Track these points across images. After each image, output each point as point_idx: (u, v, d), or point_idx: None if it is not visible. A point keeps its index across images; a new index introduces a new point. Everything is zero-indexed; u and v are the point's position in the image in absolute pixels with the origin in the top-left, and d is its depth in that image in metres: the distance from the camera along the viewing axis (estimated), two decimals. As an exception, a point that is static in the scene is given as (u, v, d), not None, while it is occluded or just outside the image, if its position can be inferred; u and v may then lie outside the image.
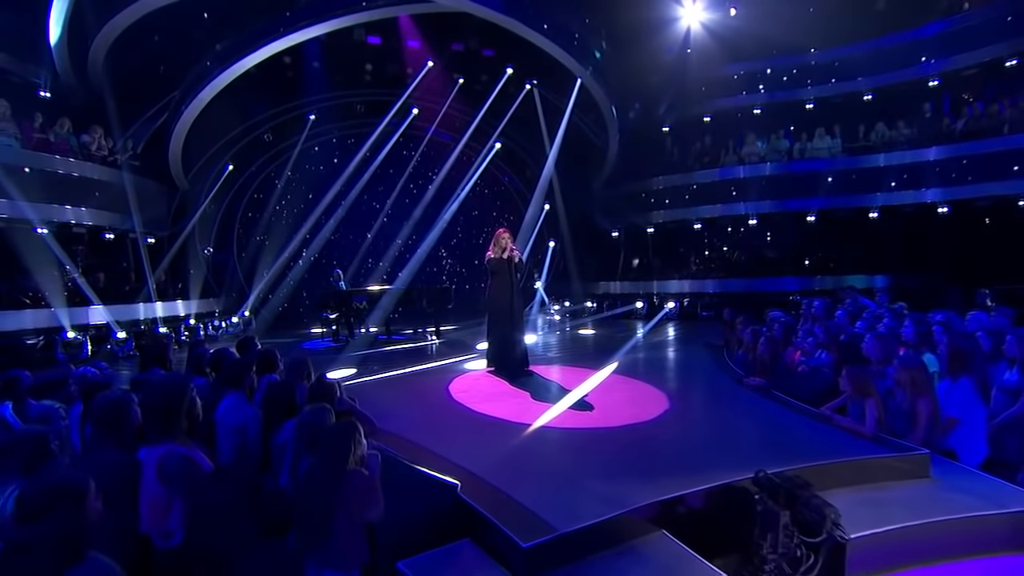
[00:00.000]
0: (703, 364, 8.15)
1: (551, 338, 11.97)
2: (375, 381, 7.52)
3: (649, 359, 8.81)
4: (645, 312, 14.87)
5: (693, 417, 5.44)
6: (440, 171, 17.55)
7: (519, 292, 7.71)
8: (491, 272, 7.64)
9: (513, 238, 7.79)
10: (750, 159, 14.75)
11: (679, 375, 7.54)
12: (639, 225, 16.66)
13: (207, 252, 15.62)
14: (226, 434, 4.34)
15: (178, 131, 12.25)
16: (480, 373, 7.79)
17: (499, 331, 7.67)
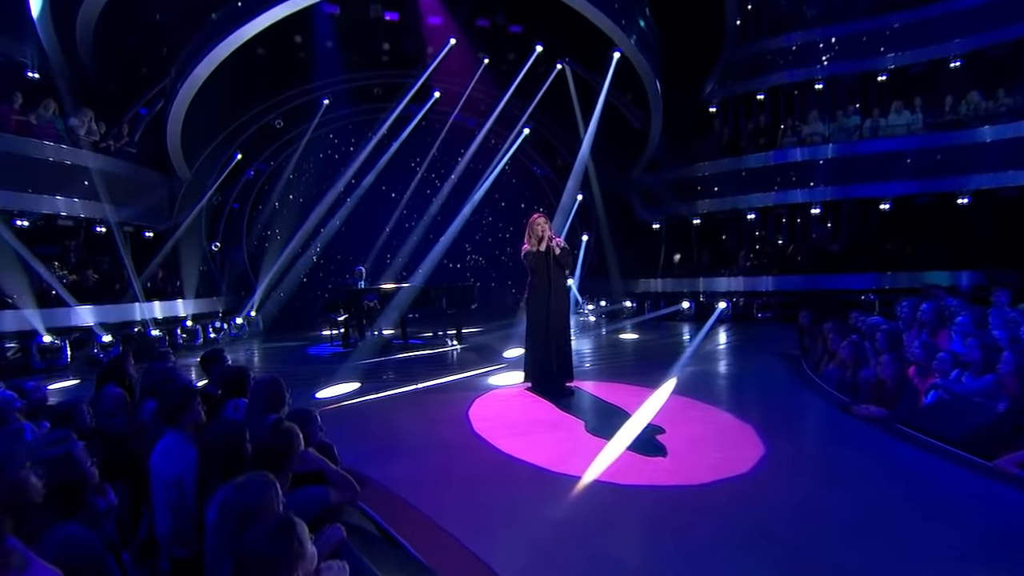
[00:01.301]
0: (783, 381, 6.61)
1: (587, 343, 10.54)
2: (377, 401, 6.22)
3: (714, 374, 7.31)
4: (693, 313, 13.32)
5: (808, 469, 3.95)
6: (464, 159, 16.26)
7: (559, 291, 6.29)
8: (530, 269, 6.26)
9: (551, 224, 6.38)
10: (812, 140, 13.02)
11: (758, 397, 6.02)
12: (683, 216, 15.15)
13: (214, 247, 14.63)
14: (161, 491, 3.13)
15: (175, 113, 11.17)
16: (507, 391, 6.42)
17: (535, 340, 6.29)
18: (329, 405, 6.06)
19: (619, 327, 12.62)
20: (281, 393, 3.92)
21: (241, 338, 12.46)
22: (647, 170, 15.84)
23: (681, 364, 7.74)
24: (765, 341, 10.08)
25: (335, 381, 7.24)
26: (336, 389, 6.84)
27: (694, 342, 9.55)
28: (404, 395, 6.49)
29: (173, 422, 3.40)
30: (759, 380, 6.73)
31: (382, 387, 6.83)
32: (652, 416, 5.18)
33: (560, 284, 6.34)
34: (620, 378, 7.00)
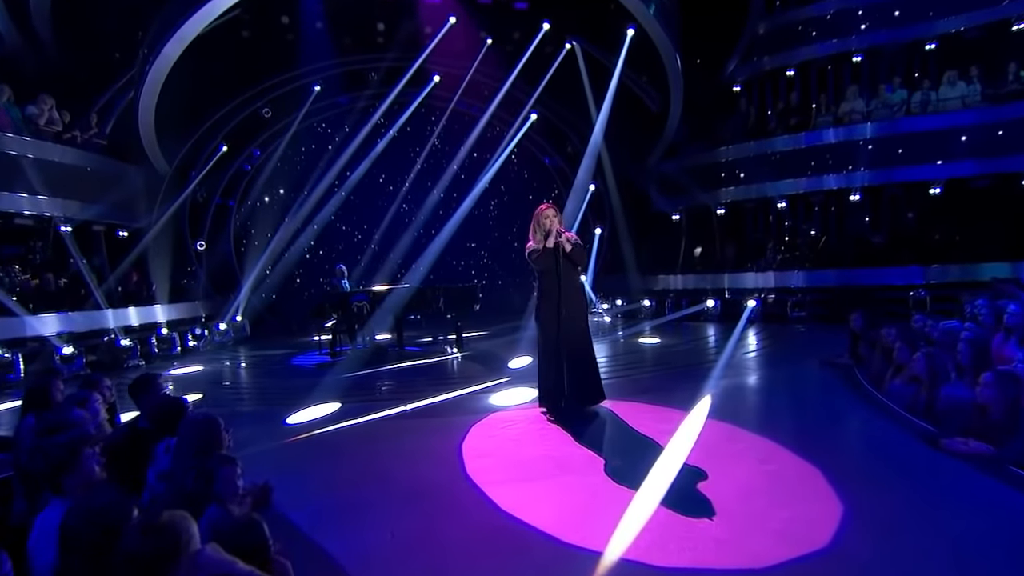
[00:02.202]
0: (841, 401, 5.61)
1: (603, 349, 9.57)
2: (355, 429, 5.32)
3: (755, 389, 6.33)
4: (719, 312, 12.31)
5: (909, 539, 2.96)
6: (466, 148, 15.42)
7: (572, 294, 5.36)
8: (538, 272, 5.33)
9: (561, 215, 5.44)
10: (850, 119, 11.92)
11: (816, 423, 5.02)
12: (705, 206, 14.22)
13: (199, 246, 13.84)
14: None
15: (146, 99, 10.34)
16: (510, 415, 5.50)
17: (544, 354, 5.37)
18: (298, 434, 5.19)
19: (638, 329, 11.66)
20: (215, 437, 3.10)
21: (225, 345, 11.65)
22: (665, 157, 14.97)
23: (715, 377, 6.76)
24: (805, 346, 9.10)
25: (313, 400, 6.37)
26: (311, 412, 5.97)
27: (726, 349, 8.56)
28: (388, 421, 5.59)
29: (56, 489, 2.59)
30: (812, 399, 5.73)
31: (364, 409, 5.94)
32: (688, 451, 4.23)
33: (573, 286, 5.40)
34: (644, 395, 6.05)
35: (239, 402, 6.73)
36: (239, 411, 6.21)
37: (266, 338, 12.72)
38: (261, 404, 6.52)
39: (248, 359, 10.24)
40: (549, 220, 5.31)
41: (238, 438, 5.23)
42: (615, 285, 14.98)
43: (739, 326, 10.65)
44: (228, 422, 5.52)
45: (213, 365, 9.46)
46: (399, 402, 6.17)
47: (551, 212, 5.33)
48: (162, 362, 9.70)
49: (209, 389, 7.43)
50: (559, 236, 5.22)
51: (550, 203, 5.50)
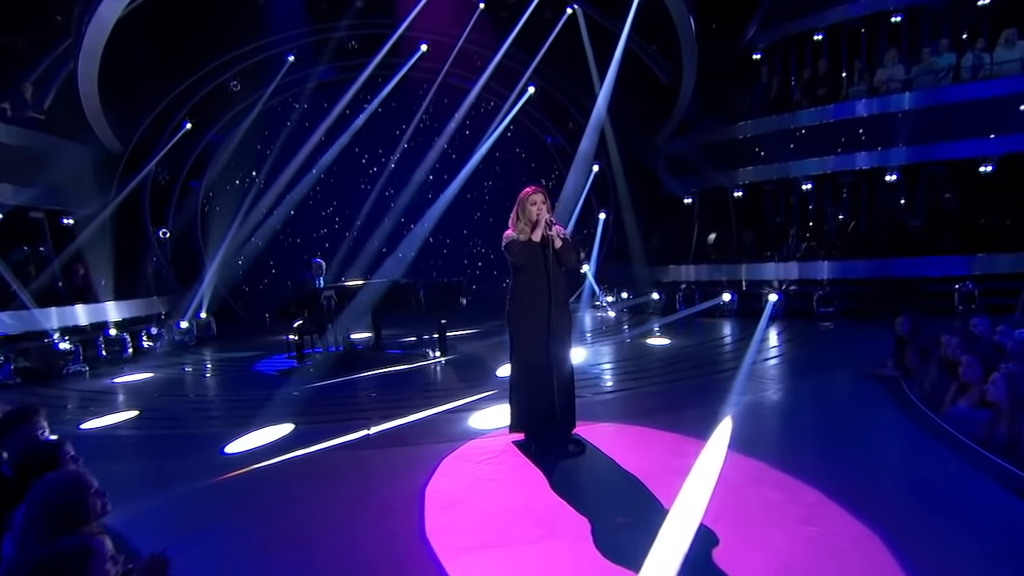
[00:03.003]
0: (893, 428, 4.82)
1: (605, 352, 8.85)
2: (303, 462, 4.59)
3: (784, 409, 5.55)
4: (736, 307, 11.59)
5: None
6: (456, 123, 14.76)
7: (561, 300, 4.60)
8: (514, 266, 4.55)
9: (550, 202, 4.65)
10: (887, 88, 11.01)
11: (864, 459, 4.23)
12: (721, 187, 13.44)
13: (162, 235, 13.10)
14: None
15: (86, 67, 9.54)
16: (487, 446, 4.75)
17: (528, 371, 4.59)
18: (232, 469, 4.45)
19: (645, 328, 10.89)
20: (78, 507, 2.38)
21: (186, 346, 10.94)
22: (677, 133, 14.18)
23: (735, 391, 5.99)
24: (836, 349, 8.33)
25: (263, 420, 5.64)
26: (258, 436, 5.24)
27: (746, 354, 7.77)
28: (345, 450, 4.85)
29: None
30: (855, 424, 4.94)
31: (320, 433, 5.21)
32: (707, 502, 3.47)
33: (562, 289, 4.62)
34: (651, 417, 5.29)
35: (178, 422, 6.01)
36: (173, 435, 5.50)
37: (234, 337, 12.01)
38: (202, 425, 5.81)
39: (206, 364, 9.53)
40: (537, 208, 4.51)
41: (163, 472, 4.59)
42: (620, 276, 14.28)
43: (760, 324, 9.86)
44: (158, 449, 4.73)
45: (165, 371, 8.76)
46: (363, 423, 5.45)
47: (539, 198, 4.53)
48: (108, 367, 9.01)
49: (149, 403, 6.73)
50: (548, 228, 4.43)
51: (538, 186, 4.68)
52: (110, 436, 5.44)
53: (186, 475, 4.33)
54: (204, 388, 7.61)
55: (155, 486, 4.10)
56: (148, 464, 4.63)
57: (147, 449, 5.03)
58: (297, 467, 4.48)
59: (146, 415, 6.13)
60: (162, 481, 4.20)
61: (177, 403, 6.75)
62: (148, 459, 4.78)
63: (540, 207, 4.51)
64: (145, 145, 12.44)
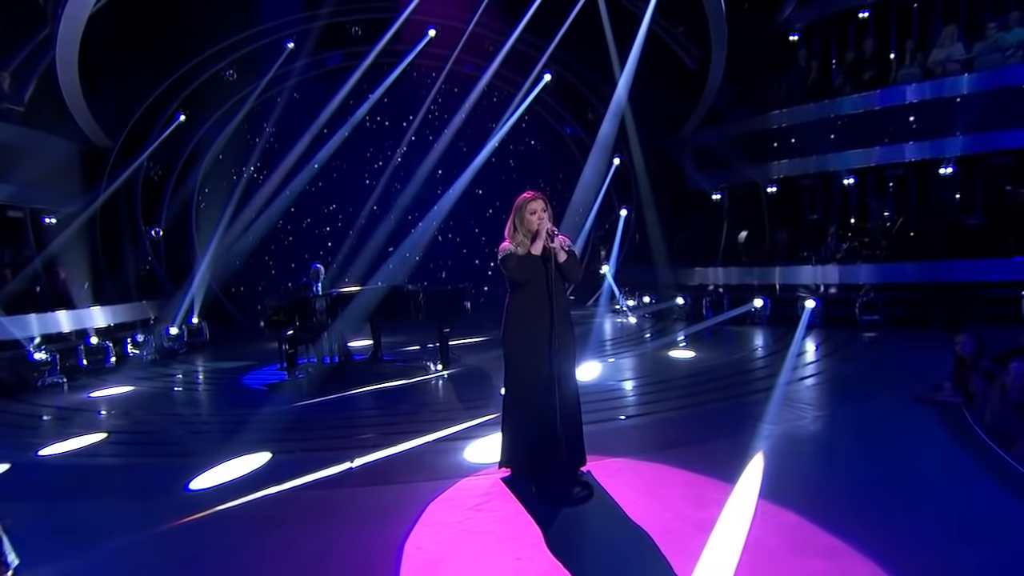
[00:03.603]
0: (957, 469, 4.29)
1: (623, 367, 8.39)
2: (270, 502, 4.22)
3: (826, 444, 5.02)
4: (768, 315, 11.08)
5: None
6: (466, 113, 14.47)
7: (565, 318, 4.18)
8: (511, 282, 4.17)
9: (551, 209, 4.23)
10: (944, 69, 10.33)
11: (930, 516, 3.70)
12: (753, 182, 13.06)
13: (155, 234, 12.92)
14: None
15: (65, 55, 9.34)
16: (479, 487, 4.35)
17: (527, 402, 4.17)
18: (193, 512, 4.09)
19: (668, 338, 10.40)
20: None
21: (176, 354, 10.72)
22: (705, 123, 13.79)
23: (768, 419, 5.49)
24: (885, 366, 7.74)
25: (239, 448, 5.30)
26: (230, 468, 4.89)
27: (781, 371, 7.24)
28: (321, 488, 4.48)
29: None
30: (913, 465, 4.39)
31: (298, 465, 4.86)
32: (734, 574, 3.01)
33: (565, 308, 4.20)
34: (670, 451, 4.82)
35: (145, 448, 5.70)
36: (137, 465, 5.18)
37: (228, 343, 11.79)
38: (172, 452, 5.49)
39: (192, 375, 9.29)
40: (537, 216, 4.09)
41: (111, 515, 4.27)
42: (642, 277, 13.89)
43: (796, 335, 9.31)
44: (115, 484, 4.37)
45: (147, 384, 8.51)
46: (347, 453, 5.08)
47: (538, 205, 4.11)
48: (89, 378, 8.79)
49: (119, 424, 6.47)
50: (551, 239, 4.00)
51: (538, 192, 4.25)
52: (67, 466, 5.14)
53: (137, 519, 3.98)
54: (183, 405, 7.32)
55: (95, 535, 3.76)
56: (97, 505, 4.31)
57: (103, 484, 4.72)
58: (264, 511, 4.11)
59: (113, 439, 5.84)
60: (106, 528, 3.86)
61: (149, 425, 6.46)
62: (100, 498, 4.46)
63: (540, 215, 4.10)
64: (135, 139, 12.26)
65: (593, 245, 16.21)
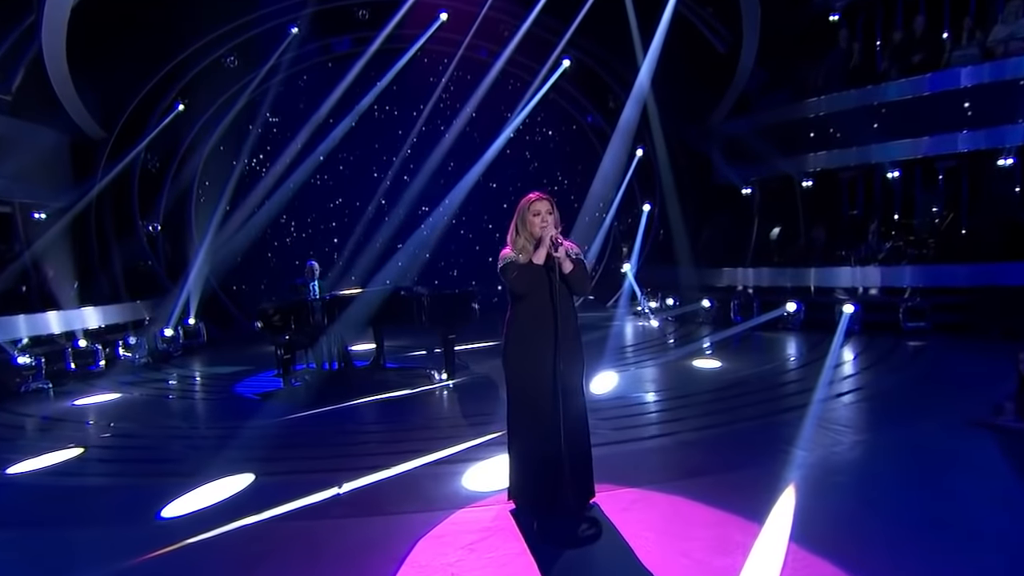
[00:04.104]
0: (1022, 514, 3.91)
1: (642, 377, 8.09)
2: (245, 535, 4.00)
3: (869, 479, 4.64)
4: (801, 320, 10.73)
5: None
6: (481, 103, 14.27)
7: (571, 334, 3.91)
8: (512, 294, 3.93)
9: (557, 213, 3.95)
10: (1008, 48, 9.79)
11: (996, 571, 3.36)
12: (786, 176, 12.75)
13: (152, 229, 12.87)
14: None
15: (52, 42, 9.25)
16: (479, 517, 4.10)
17: (528, 427, 3.91)
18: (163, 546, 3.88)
19: (693, 345, 10.09)
20: None
21: (170, 357, 10.64)
22: (735, 112, 13.51)
23: (802, 443, 5.13)
24: (935, 381, 7.32)
25: (220, 468, 5.11)
26: (208, 492, 4.69)
27: (817, 385, 6.87)
28: (306, 516, 4.26)
29: None
30: (972, 509, 4.02)
31: (282, 489, 4.64)
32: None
33: (571, 322, 3.93)
34: (690, 480, 4.51)
35: (121, 467, 5.54)
36: (110, 487, 5.01)
37: (226, 345, 11.70)
38: (149, 472, 5.33)
39: (185, 381, 9.19)
40: (541, 219, 3.81)
41: (70, 548, 4.07)
42: (664, 278, 13.64)
43: (833, 343, 8.92)
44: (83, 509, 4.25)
45: (135, 390, 8.40)
46: (335, 476, 4.85)
47: (543, 207, 3.84)
48: (76, 383, 8.71)
49: (98, 437, 6.33)
50: (555, 247, 3.71)
51: (543, 193, 3.98)
52: (35, 486, 4.99)
53: (99, 554, 3.79)
54: (168, 417, 7.17)
55: (51, 573, 3.58)
56: (58, 535, 4.12)
57: (70, 508, 4.55)
58: (240, 545, 3.89)
59: (90, 455, 5.69)
60: (65, 563, 3.68)
61: (129, 440, 6.32)
62: (63, 525, 4.28)
63: (545, 219, 3.82)
64: (131, 129, 12.19)
65: (614, 242, 15.98)
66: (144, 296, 11.68)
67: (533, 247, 3.84)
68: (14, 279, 9.50)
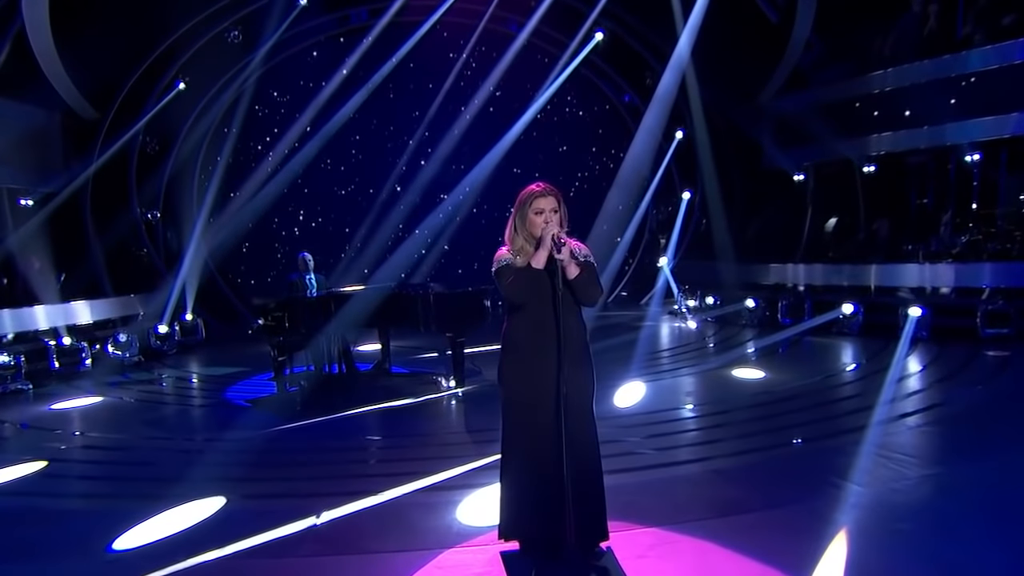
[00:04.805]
0: None
1: (673, 388, 7.72)
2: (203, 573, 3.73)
3: (941, 526, 4.12)
4: (860, 324, 10.35)
5: None
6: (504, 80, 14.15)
7: (576, 348, 3.51)
8: (508, 303, 3.60)
9: (562, 209, 3.53)
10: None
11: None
12: (845, 160, 12.49)
13: (151, 217, 12.88)
14: None
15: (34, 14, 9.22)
16: (470, 560, 3.77)
17: (528, 457, 3.55)
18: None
19: (734, 351, 9.71)
20: None
21: (164, 355, 10.59)
22: (787, 89, 13.27)
23: (857, 476, 4.65)
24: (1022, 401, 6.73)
25: (190, 488, 4.86)
26: (170, 519, 4.44)
27: (877, 403, 6.35)
28: (275, 552, 3.97)
29: None
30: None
31: (255, 515, 4.38)
32: None
33: (576, 335, 3.55)
34: (721, 519, 4.08)
35: (81, 485, 5.37)
36: (63, 511, 4.81)
37: (226, 343, 11.67)
38: (109, 492, 5.13)
39: (173, 383, 9.14)
40: (544, 218, 3.43)
41: None
42: (705, 274, 13.44)
43: (897, 352, 8.43)
44: (27, 538, 4.10)
45: (117, 394, 8.34)
46: (315, 502, 4.56)
47: (547, 203, 3.47)
48: (59, 384, 8.68)
49: (65, 448, 6.21)
50: (557, 247, 3.30)
51: (547, 184, 3.59)
52: (-13, 504, 4.84)
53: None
54: (145, 425, 6.99)
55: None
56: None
57: (16, 536, 4.34)
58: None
59: (51, 469, 5.52)
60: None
61: (97, 452, 6.19)
62: (3, 559, 4.08)
63: (549, 217, 3.43)
64: (127, 109, 12.17)
65: (651, 233, 15.66)
66: (139, 290, 11.68)
67: (533, 247, 3.47)
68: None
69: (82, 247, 11.19)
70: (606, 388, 7.30)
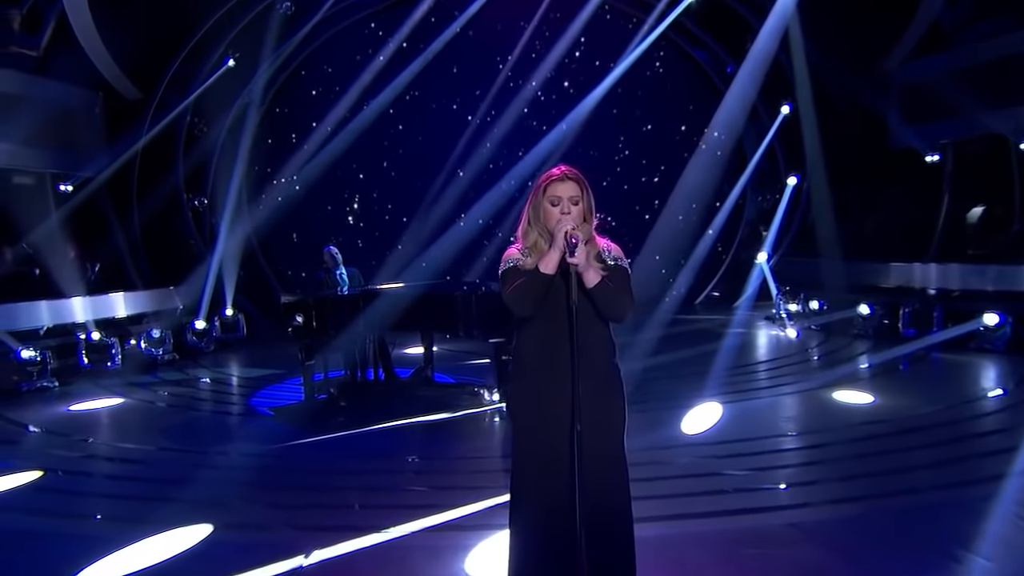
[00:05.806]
0: None
1: (759, 412, 7.09)
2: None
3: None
4: (1007, 338, 9.47)
5: None
6: (571, 45, 13.83)
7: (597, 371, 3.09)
8: (517, 316, 3.18)
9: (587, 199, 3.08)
10: None
11: None
12: (995, 136, 11.45)
13: (198, 203, 13.24)
14: None
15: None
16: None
17: (530, 500, 3.17)
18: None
19: (842, 367, 9.05)
20: None
21: (201, 353, 10.84)
22: (919, 52, 12.35)
23: (988, 547, 3.92)
24: None
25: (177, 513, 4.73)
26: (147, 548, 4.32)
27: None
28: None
29: None
30: None
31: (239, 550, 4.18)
32: None
33: (602, 358, 3.10)
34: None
35: (68, 500, 5.34)
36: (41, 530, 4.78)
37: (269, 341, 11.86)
38: (86, 514, 5.08)
39: (198, 387, 9.30)
40: (560, 209, 3.00)
41: None
42: (809, 274, 12.72)
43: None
44: None
45: (139, 396, 8.50)
46: (309, 537, 4.32)
47: (566, 189, 3.04)
48: (84, 382, 8.97)
49: (65, 457, 6.30)
50: (570, 249, 2.82)
51: (568, 167, 3.13)
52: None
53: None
54: (156, 434, 7.04)
55: None
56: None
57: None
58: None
59: (44, 480, 5.56)
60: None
61: (98, 463, 6.26)
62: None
63: (567, 208, 2.98)
64: (173, 88, 12.55)
65: (750, 224, 14.89)
66: (180, 282, 11.98)
67: (548, 245, 3.00)
68: (25, 261, 9.92)
69: (125, 235, 11.57)
70: (673, 410, 6.89)
